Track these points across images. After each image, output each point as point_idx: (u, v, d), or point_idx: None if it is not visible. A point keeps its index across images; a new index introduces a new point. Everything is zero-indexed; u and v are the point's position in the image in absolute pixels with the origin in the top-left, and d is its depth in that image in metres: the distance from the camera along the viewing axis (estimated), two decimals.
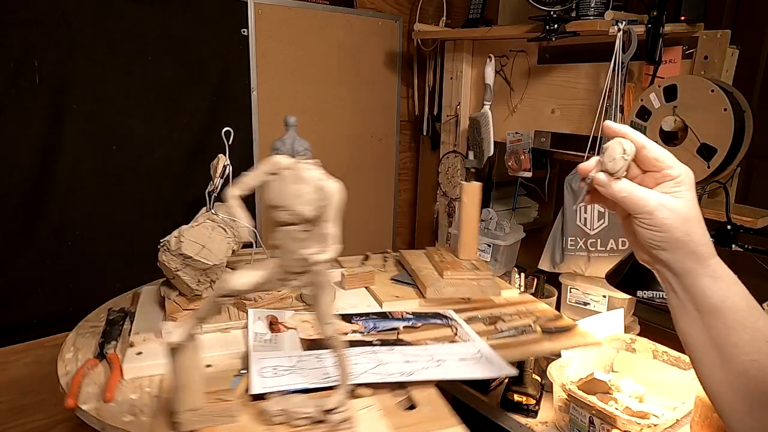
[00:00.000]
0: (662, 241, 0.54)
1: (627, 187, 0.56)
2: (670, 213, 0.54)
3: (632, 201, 0.55)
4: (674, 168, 0.56)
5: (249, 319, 1.10)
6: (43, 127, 1.47)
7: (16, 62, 1.41)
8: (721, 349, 0.54)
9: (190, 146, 1.75)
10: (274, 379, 0.88)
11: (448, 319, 1.17)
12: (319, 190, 0.69)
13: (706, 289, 0.54)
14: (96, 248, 1.62)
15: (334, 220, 0.69)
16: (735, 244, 1.15)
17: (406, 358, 0.98)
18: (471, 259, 1.46)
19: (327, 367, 0.92)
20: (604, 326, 1.50)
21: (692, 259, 0.54)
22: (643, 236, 0.56)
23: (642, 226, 0.55)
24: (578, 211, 1.63)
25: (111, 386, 0.92)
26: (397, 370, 0.92)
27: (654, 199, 0.54)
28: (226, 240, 1.11)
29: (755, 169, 2.28)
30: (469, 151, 1.36)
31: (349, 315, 1.14)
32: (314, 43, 1.99)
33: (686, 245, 0.54)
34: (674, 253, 0.55)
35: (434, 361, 0.96)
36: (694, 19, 1.44)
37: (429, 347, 1.03)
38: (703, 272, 0.54)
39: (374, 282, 1.36)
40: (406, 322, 1.14)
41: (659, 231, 0.54)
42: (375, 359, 0.96)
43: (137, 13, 1.57)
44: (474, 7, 1.91)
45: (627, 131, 0.57)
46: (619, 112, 1.55)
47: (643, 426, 1.11)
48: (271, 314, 1.12)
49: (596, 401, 1.16)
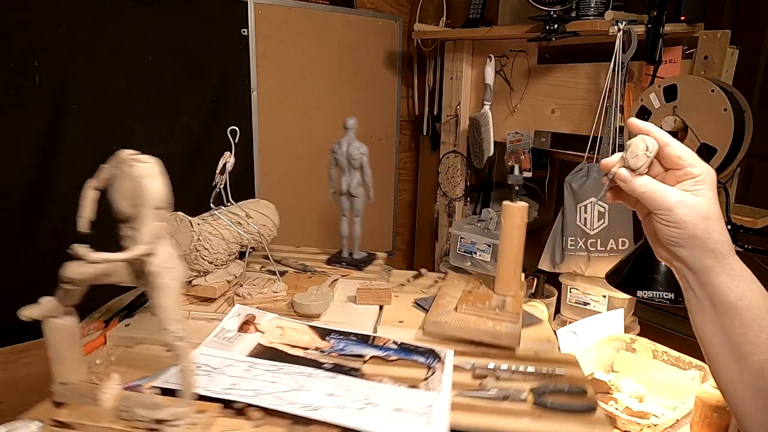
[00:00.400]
0: (681, 237, 0.55)
1: (648, 183, 0.57)
2: (690, 210, 0.54)
3: (652, 197, 0.56)
4: (696, 167, 0.56)
5: (229, 314, 1.11)
6: (43, 127, 1.47)
7: (16, 62, 1.41)
8: (737, 347, 0.55)
9: (190, 146, 1.75)
10: (177, 377, 0.86)
11: (434, 360, 0.99)
12: (138, 188, 0.67)
13: (723, 287, 0.55)
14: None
15: (147, 219, 0.66)
16: (735, 244, 1.15)
17: (336, 390, 0.87)
18: (508, 295, 1.18)
19: (246, 378, 0.89)
20: (604, 326, 1.50)
21: (711, 256, 0.55)
22: (662, 233, 0.57)
23: (662, 222, 0.56)
24: (578, 211, 1.63)
25: (88, 346, 1.00)
26: (308, 401, 0.83)
27: (674, 196, 0.55)
28: (190, 233, 1.13)
29: (755, 169, 2.28)
30: (514, 165, 1.17)
31: (328, 330, 1.06)
32: (314, 43, 1.99)
33: (705, 243, 0.55)
34: (692, 250, 0.55)
35: (364, 402, 0.84)
36: (694, 19, 1.44)
37: (378, 386, 0.90)
38: (721, 270, 0.55)
39: (390, 301, 1.21)
40: (382, 351, 1.01)
41: (678, 228, 0.55)
42: (298, 383, 0.89)
43: (137, 13, 1.57)
44: (474, 7, 1.91)
45: (651, 129, 0.58)
46: (619, 112, 1.55)
47: (643, 426, 1.11)
48: (252, 313, 1.12)
49: None
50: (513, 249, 1.17)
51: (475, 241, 1.90)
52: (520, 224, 1.16)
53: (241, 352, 0.99)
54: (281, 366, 0.94)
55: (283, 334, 1.05)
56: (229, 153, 1.22)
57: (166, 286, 0.69)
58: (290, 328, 1.07)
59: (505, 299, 1.16)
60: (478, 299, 1.15)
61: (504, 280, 1.18)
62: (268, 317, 1.10)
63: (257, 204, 1.36)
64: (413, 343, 1.04)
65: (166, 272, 0.69)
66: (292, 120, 2.01)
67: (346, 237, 1.45)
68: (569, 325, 1.48)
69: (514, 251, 1.17)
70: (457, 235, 1.96)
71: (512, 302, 1.15)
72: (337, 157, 1.39)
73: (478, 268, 1.90)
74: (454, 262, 1.99)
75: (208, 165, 1.76)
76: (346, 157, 1.38)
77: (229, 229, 1.21)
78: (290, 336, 1.04)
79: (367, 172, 1.39)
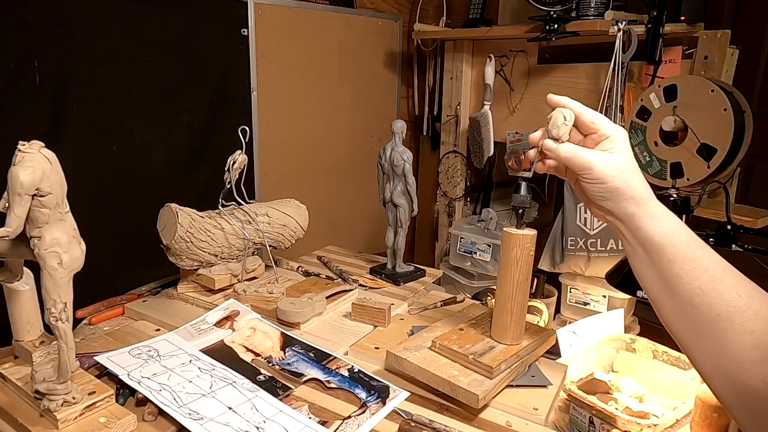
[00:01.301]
0: (605, 191, 0.63)
1: (570, 148, 0.67)
2: (607, 165, 0.63)
3: (575, 160, 0.65)
4: (607, 128, 0.66)
5: (218, 306, 1.13)
6: (43, 127, 1.47)
7: (16, 62, 1.41)
8: (668, 282, 0.60)
9: (190, 146, 1.75)
10: (120, 356, 0.93)
11: (376, 398, 0.87)
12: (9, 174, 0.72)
13: (648, 229, 0.61)
14: (96, 248, 1.61)
15: (13, 204, 0.71)
16: (735, 244, 1.15)
17: (240, 406, 0.82)
18: (502, 342, 0.93)
19: (174, 372, 0.89)
20: (604, 326, 1.50)
21: (632, 203, 0.62)
22: (589, 191, 0.65)
23: (587, 181, 0.65)
24: (578, 211, 1.63)
25: (103, 314, 1.14)
26: (201, 410, 0.80)
27: (593, 155, 0.64)
28: (175, 224, 1.18)
29: (755, 169, 2.28)
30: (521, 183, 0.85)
31: (292, 341, 1.02)
32: (314, 43, 1.99)
33: (625, 192, 0.62)
34: (617, 201, 0.63)
35: (254, 426, 0.78)
36: (694, 19, 1.44)
37: (286, 413, 0.83)
38: (644, 213, 0.62)
39: (384, 323, 1.10)
40: (327, 376, 0.92)
41: (600, 183, 0.63)
42: (212, 389, 0.85)
43: (137, 13, 1.57)
44: (474, 7, 1.91)
45: (566, 101, 0.69)
46: (619, 111, 1.55)
47: (643, 426, 1.11)
48: (237, 310, 1.11)
49: (596, 401, 1.16)
50: (512, 286, 0.89)
51: (475, 241, 1.90)
52: (525, 257, 0.88)
53: (197, 346, 0.99)
54: (216, 367, 0.92)
55: (250, 336, 1.04)
56: (240, 151, 1.23)
57: (50, 268, 0.74)
58: (262, 331, 1.05)
59: (495, 346, 0.92)
60: (465, 338, 0.94)
61: (500, 324, 0.92)
62: (249, 316, 1.10)
63: (284, 204, 1.37)
64: (369, 375, 0.93)
65: (49, 256, 0.74)
66: (292, 120, 2.01)
67: (390, 248, 1.37)
68: (569, 325, 1.48)
69: (513, 289, 0.89)
70: (457, 235, 1.96)
71: (501, 352, 0.90)
72: (381, 162, 1.32)
73: (478, 268, 1.90)
74: (454, 262, 1.99)
75: (208, 165, 1.77)
76: (390, 162, 1.30)
77: (232, 224, 1.23)
78: (255, 339, 1.03)
79: (410, 180, 1.30)
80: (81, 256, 0.78)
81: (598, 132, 0.66)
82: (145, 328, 1.09)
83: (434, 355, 0.93)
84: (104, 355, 0.93)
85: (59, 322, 0.75)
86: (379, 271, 1.37)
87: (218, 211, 1.24)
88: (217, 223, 1.22)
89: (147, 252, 1.68)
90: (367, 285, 1.31)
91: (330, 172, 2.14)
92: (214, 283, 1.19)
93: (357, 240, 2.23)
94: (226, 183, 1.22)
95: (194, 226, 1.17)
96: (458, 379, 0.86)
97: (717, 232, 1.18)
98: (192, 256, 1.19)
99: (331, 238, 1.76)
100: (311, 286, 1.24)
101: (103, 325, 1.13)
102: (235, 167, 1.22)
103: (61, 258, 0.74)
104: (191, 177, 1.75)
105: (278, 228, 1.32)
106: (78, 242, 0.78)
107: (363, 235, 2.29)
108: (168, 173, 1.72)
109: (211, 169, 1.77)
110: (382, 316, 1.10)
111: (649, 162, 1.45)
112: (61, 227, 0.75)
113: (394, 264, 1.37)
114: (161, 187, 1.71)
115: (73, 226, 0.78)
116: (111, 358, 0.93)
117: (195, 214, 1.20)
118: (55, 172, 0.75)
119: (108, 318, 1.15)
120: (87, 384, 0.82)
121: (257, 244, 1.29)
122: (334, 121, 2.13)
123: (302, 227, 1.37)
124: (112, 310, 1.17)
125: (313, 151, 2.08)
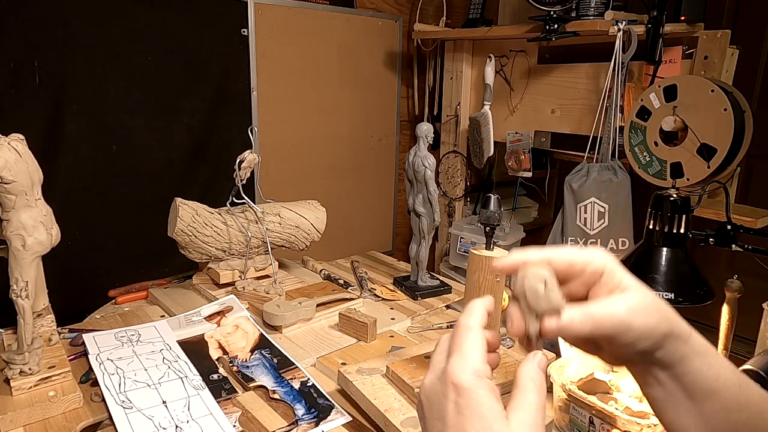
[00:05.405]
0: (650, 345, 0.45)
1: (583, 316, 0.43)
2: (644, 313, 0.44)
3: (602, 327, 0.43)
4: (593, 260, 0.46)
5: (216, 301, 1.17)
6: (43, 127, 1.47)
7: (16, 62, 1.41)
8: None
9: (190, 146, 1.75)
10: (104, 337, 0.98)
11: (314, 416, 0.83)
12: None
13: (699, 373, 0.46)
14: (96, 248, 1.62)
15: None
16: (735, 243, 1.15)
17: (173, 403, 0.83)
18: None
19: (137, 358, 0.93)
20: None
21: (681, 343, 0.45)
22: (631, 351, 0.45)
23: (626, 342, 0.44)
24: (578, 211, 1.63)
25: (127, 296, 1.25)
26: (135, 400, 0.82)
27: (616, 309, 0.43)
28: (176, 218, 1.21)
29: (755, 169, 2.28)
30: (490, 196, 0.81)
31: (266, 344, 1.01)
32: (314, 43, 1.99)
33: (671, 333, 0.45)
34: (666, 347, 0.45)
35: (173, 425, 0.78)
36: (694, 19, 1.44)
37: (215, 418, 0.82)
38: (693, 354, 0.46)
39: (367, 338, 1.05)
40: (275, 385, 0.90)
41: (646, 338, 0.44)
42: (159, 380, 0.87)
43: (137, 13, 1.57)
44: (474, 7, 1.91)
45: (526, 258, 0.46)
46: (619, 112, 1.55)
47: (643, 426, 1.11)
48: (231, 306, 1.13)
49: (596, 401, 1.16)
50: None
51: (475, 241, 1.90)
52: (491, 284, 0.77)
53: (177, 336, 1.01)
54: (180, 359, 0.95)
55: (230, 334, 1.05)
56: (249, 150, 1.24)
57: (14, 249, 0.80)
58: (243, 330, 1.06)
59: None
60: (423, 369, 0.85)
61: None
62: (238, 314, 1.11)
63: (301, 205, 1.37)
64: (320, 391, 0.89)
65: (14, 238, 0.80)
66: (292, 120, 2.01)
67: (413, 259, 1.29)
68: None
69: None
70: (457, 235, 1.96)
71: None
72: (405, 168, 1.25)
73: None
74: (453, 262, 1.99)
75: (208, 165, 1.77)
76: (413, 168, 1.21)
77: (238, 221, 1.25)
78: (232, 338, 1.04)
79: (431, 188, 1.20)
80: (46, 240, 0.83)
81: (586, 271, 0.45)
82: (152, 313, 1.15)
83: (384, 382, 0.84)
84: (91, 334, 0.98)
85: (19, 298, 0.81)
86: (401, 282, 1.32)
87: (228, 208, 1.27)
88: (225, 219, 1.24)
89: (147, 252, 1.69)
90: (381, 296, 1.27)
91: (330, 172, 2.14)
92: (219, 276, 1.23)
93: (357, 240, 2.23)
94: (236, 181, 1.23)
95: (197, 221, 1.19)
96: (395, 413, 0.76)
97: (717, 232, 1.18)
98: (198, 249, 1.22)
99: (330, 238, 1.76)
100: (317, 290, 1.24)
101: (125, 306, 1.22)
102: (243, 166, 1.23)
103: (25, 241, 0.80)
104: (191, 177, 1.75)
105: (290, 229, 1.32)
106: (46, 228, 0.83)
107: (363, 235, 2.29)
108: (168, 173, 1.72)
109: (211, 169, 1.77)
110: (365, 330, 1.04)
111: (649, 162, 1.45)
112: (29, 212, 0.81)
113: (416, 276, 1.30)
114: (161, 186, 1.71)
115: (43, 213, 0.83)
116: (95, 337, 0.97)
117: (203, 209, 1.22)
118: (23, 162, 0.79)
119: (131, 300, 1.25)
120: (53, 358, 0.87)
121: (264, 244, 1.29)
122: (334, 121, 2.13)
123: (317, 230, 1.35)
124: (137, 293, 1.27)
125: (313, 151, 2.08)
